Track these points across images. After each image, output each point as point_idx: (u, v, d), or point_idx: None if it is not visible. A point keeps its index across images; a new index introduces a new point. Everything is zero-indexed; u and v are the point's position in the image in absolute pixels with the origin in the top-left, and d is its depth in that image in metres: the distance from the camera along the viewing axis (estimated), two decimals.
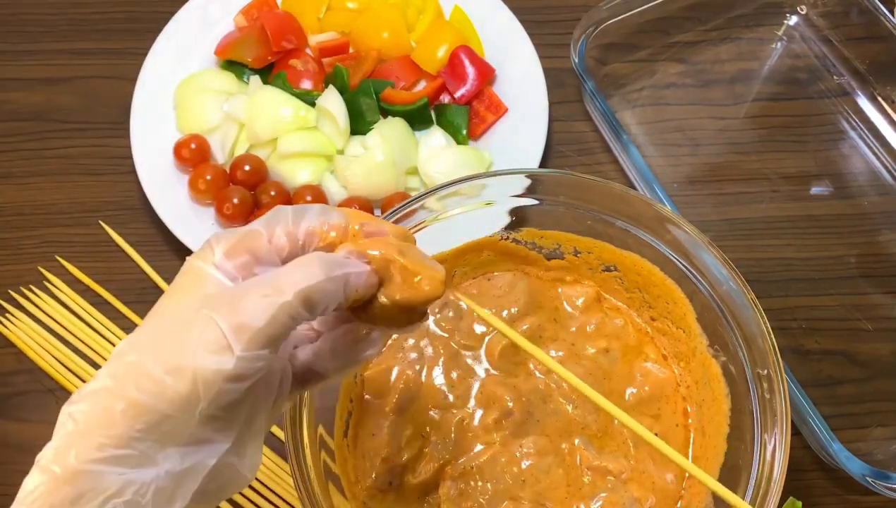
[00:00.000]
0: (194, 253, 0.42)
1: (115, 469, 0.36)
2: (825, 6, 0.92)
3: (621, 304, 0.70)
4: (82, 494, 0.36)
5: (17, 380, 0.73)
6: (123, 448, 0.37)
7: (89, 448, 0.36)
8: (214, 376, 0.37)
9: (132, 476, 0.37)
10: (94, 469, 0.36)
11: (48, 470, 0.36)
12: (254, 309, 0.38)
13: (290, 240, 0.42)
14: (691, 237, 0.61)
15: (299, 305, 0.39)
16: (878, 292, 0.79)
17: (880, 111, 0.88)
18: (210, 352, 0.37)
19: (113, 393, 0.37)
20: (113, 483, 0.36)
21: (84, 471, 0.36)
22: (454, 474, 0.61)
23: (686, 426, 0.65)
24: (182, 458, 0.38)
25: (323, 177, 0.80)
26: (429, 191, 0.62)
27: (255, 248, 0.41)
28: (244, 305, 0.38)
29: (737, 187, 0.84)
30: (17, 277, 0.77)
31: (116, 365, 0.38)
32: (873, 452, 0.70)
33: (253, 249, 0.41)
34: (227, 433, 0.40)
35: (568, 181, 0.64)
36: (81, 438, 0.37)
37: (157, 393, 0.37)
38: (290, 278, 0.39)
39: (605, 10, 0.84)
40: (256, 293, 0.38)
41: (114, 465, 0.36)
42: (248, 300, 0.38)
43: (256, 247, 0.41)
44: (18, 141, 0.85)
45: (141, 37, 0.88)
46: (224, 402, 0.38)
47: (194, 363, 0.37)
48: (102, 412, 0.37)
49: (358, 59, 0.86)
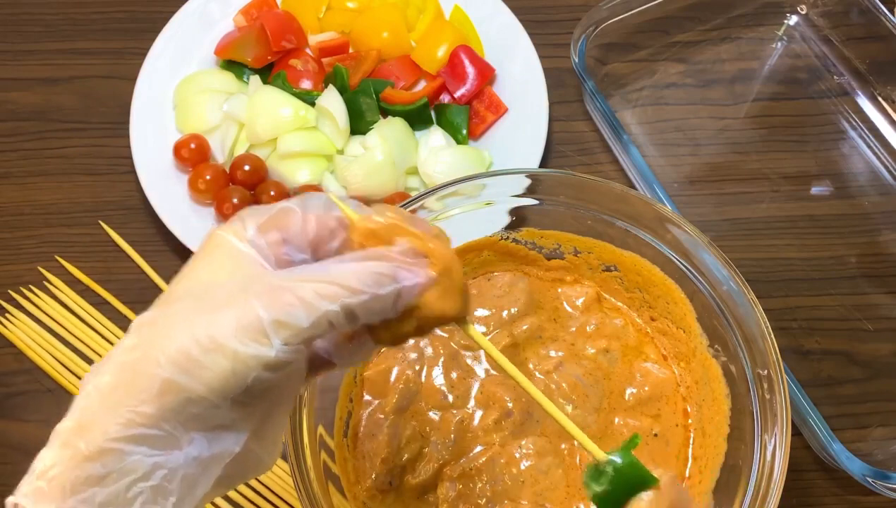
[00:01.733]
0: (221, 226, 0.40)
1: (142, 450, 0.35)
2: (825, 6, 0.92)
3: (621, 304, 0.70)
4: (108, 473, 0.34)
5: (17, 380, 0.73)
6: (152, 428, 0.35)
7: (116, 425, 0.35)
8: (253, 361, 0.36)
9: (159, 459, 0.35)
10: (120, 448, 0.34)
11: (71, 445, 0.35)
12: (299, 309, 0.36)
13: (320, 224, 0.40)
14: (691, 237, 0.61)
15: (343, 316, 0.38)
16: (878, 292, 0.79)
17: (880, 111, 0.88)
18: (250, 338, 0.36)
19: (142, 366, 0.35)
20: (140, 466, 0.35)
21: (110, 449, 0.34)
22: (453, 475, 0.61)
23: (686, 426, 0.65)
24: (209, 443, 0.37)
25: (323, 176, 0.80)
26: (429, 191, 0.62)
27: (287, 226, 0.40)
28: (289, 301, 0.36)
29: (737, 187, 0.84)
30: (16, 277, 0.77)
31: (144, 335, 0.37)
32: (874, 452, 0.70)
33: (284, 226, 0.40)
34: (251, 419, 0.39)
35: (568, 181, 0.64)
36: (107, 413, 0.35)
37: (192, 373, 0.35)
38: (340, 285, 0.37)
39: (605, 9, 0.84)
40: (305, 291, 0.37)
41: (141, 444, 0.35)
42: (294, 297, 0.37)
43: (289, 224, 0.40)
44: (18, 141, 0.85)
45: (140, 37, 0.88)
46: (257, 389, 0.37)
47: (234, 346, 0.36)
48: (130, 386, 0.35)
49: (358, 58, 0.86)
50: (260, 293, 0.37)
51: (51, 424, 0.36)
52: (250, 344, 0.36)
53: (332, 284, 0.37)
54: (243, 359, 0.36)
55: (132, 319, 0.74)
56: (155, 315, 0.37)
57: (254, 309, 0.36)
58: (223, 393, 0.36)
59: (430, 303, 0.40)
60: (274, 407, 0.40)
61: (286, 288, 0.37)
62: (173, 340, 0.36)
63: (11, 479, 0.35)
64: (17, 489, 0.35)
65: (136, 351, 0.36)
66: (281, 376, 0.37)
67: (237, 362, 0.36)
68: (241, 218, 0.40)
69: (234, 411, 0.37)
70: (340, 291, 0.37)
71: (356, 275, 0.38)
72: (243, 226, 0.39)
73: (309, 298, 0.37)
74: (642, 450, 0.63)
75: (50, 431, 0.36)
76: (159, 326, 0.37)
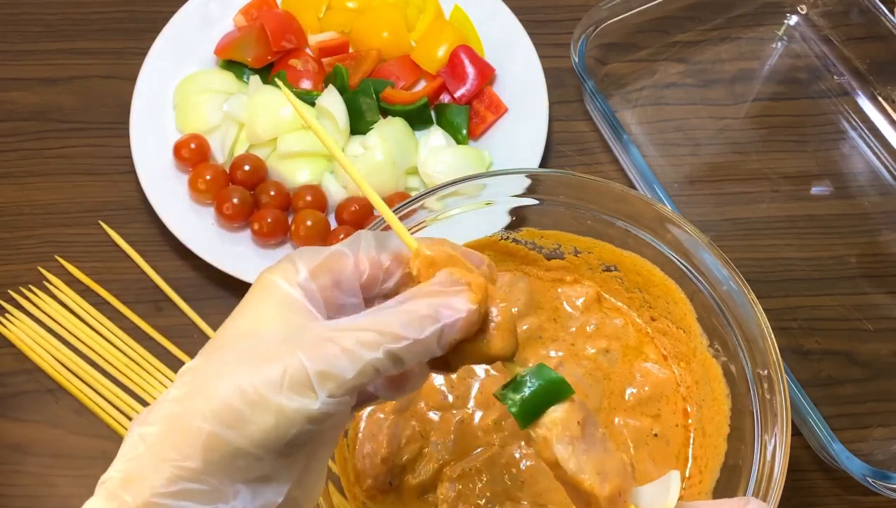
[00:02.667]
0: (271, 268, 0.40)
1: (188, 505, 0.35)
2: (825, 6, 0.92)
3: (621, 304, 0.70)
4: None
5: (17, 380, 0.73)
6: (197, 483, 0.35)
7: (163, 479, 0.35)
8: (297, 415, 0.36)
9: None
10: (166, 504, 0.35)
11: (117, 497, 0.35)
12: (343, 359, 0.36)
13: (373, 265, 0.41)
14: (691, 237, 0.61)
15: (388, 362, 0.37)
16: (878, 292, 0.79)
17: (880, 111, 0.88)
18: (294, 392, 0.36)
19: (187, 420, 0.35)
20: None
21: (156, 504, 0.34)
22: (453, 475, 0.61)
23: (686, 426, 0.65)
24: (253, 496, 0.37)
25: (323, 176, 0.80)
26: (429, 191, 0.62)
27: (339, 270, 0.40)
28: (333, 352, 0.36)
29: (737, 187, 0.83)
30: (16, 277, 0.77)
31: (192, 385, 0.36)
32: (874, 452, 0.70)
33: (337, 270, 0.40)
34: (294, 469, 0.38)
35: (568, 181, 0.64)
36: (154, 466, 0.35)
37: (238, 427, 0.35)
38: (381, 332, 0.37)
39: (605, 9, 0.84)
40: (347, 341, 0.37)
41: (187, 499, 0.35)
42: (338, 348, 0.37)
43: (340, 268, 0.40)
44: (18, 140, 0.85)
45: (140, 37, 0.88)
46: (300, 441, 0.37)
47: (278, 400, 0.35)
48: (177, 439, 0.35)
49: (358, 58, 0.86)
50: (304, 345, 0.36)
51: (50, 424, 0.36)
52: (295, 398, 0.36)
53: (373, 331, 0.37)
54: (287, 414, 0.36)
55: (132, 319, 0.75)
56: (200, 363, 0.37)
57: (298, 362, 0.36)
58: (267, 446, 0.36)
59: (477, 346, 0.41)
60: (317, 453, 0.40)
61: (329, 339, 0.37)
62: (218, 392, 0.36)
63: (10, 479, 0.36)
64: None
65: (182, 403, 0.36)
66: (325, 426, 0.37)
67: (281, 416, 0.36)
68: (292, 260, 0.40)
69: (276, 461, 0.37)
70: (382, 338, 0.37)
71: (398, 320, 0.38)
72: (295, 270, 0.39)
73: (352, 347, 0.37)
74: (642, 450, 0.63)
75: (50, 431, 0.36)
76: (204, 375, 0.37)
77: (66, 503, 0.68)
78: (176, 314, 0.76)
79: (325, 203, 0.78)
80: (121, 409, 0.71)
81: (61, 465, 0.69)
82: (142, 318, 0.75)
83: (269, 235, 0.76)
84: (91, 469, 0.69)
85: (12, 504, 0.68)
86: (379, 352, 0.37)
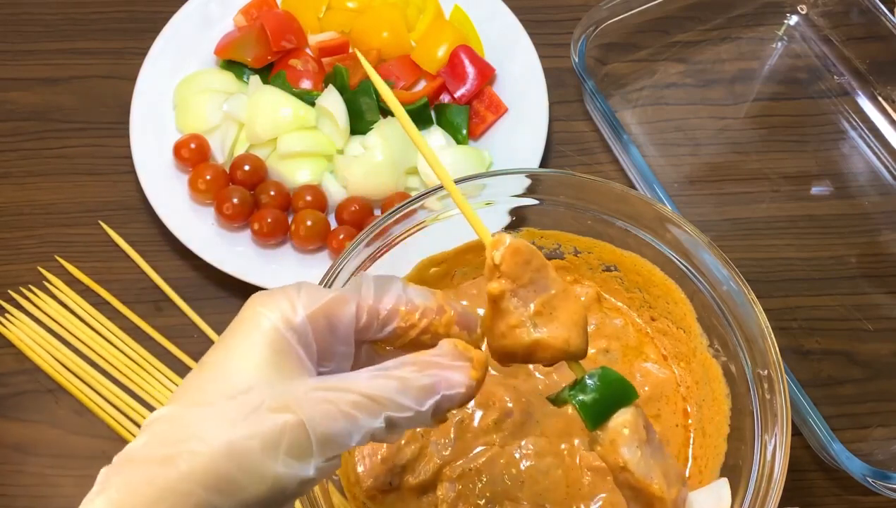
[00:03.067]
0: (264, 299, 0.39)
1: None
2: (825, 6, 0.92)
3: (621, 304, 0.70)
4: None
5: (17, 380, 0.73)
6: None
7: None
8: (292, 481, 0.35)
9: None
10: None
11: None
12: (343, 424, 0.36)
13: (370, 314, 0.40)
14: (691, 237, 0.61)
15: (386, 430, 0.38)
16: (878, 292, 0.79)
17: (880, 111, 0.88)
18: (292, 456, 0.35)
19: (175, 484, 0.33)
20: None
21: None
22: (453, 475, 0.61)
23: (686, 426, 0.65)
24: None
25: (323, 176, 0.80)
26: (429, 191, 0.62)
27: (338, 317, 0.39)
28: (332, 415, 0.36)
29: (737, 187, 0.83)
30: (16, 277, 0.77)
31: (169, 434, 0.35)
32: (874, 452, 0.70)
33: (335, 317, 0.39)
34: None
35: (568, 181, 0.64)
36: None
37: (230, 495, 0.34)
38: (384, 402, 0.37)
39: (605, 9, 0.84)
40: (346, 404, 0.36)
41: None
42: (337, 411, 0.36)
43: (340, 315, 0.39)
44: (18, 140, 0.85)
45: (140, 37, 0.88)
46: (286, 501, 0.36)
47: (275, 467, 0.34)
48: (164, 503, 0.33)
49: (358, 58, 0.86)
50: (302, 404, 0.36)
51: (50, 424, 0.36)
52: (292, 464, 0.35)
53: (375, 397, 0.37)
54: (283, 482, 0.35)
55: (132, 319, 0.75)
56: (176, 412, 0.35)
57: (298, 424, 0.35)
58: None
59: None
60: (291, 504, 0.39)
61: (328, 400, 0.36)
62: (207, 449, 0.34)
63: (11, 479, 0.35)
64: None
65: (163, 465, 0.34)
66: (311, 485, 0.37)
67: (276, 483, 0.35)
68: (289, 297, 0.39)
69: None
70: (382, 407, 0.37)
71: (401, 390, 0.38)
72: (292, 309, 0.38)
73: (352, 411, 0.36)
74: None
75: (50, 431, 0.36)
76: (183, 427, 0.35)
77: (67, 503, 0.68)
78: (176, 314, 0.76)
79: (324, 203, 0.78)
80: (121, 409, 0.71)
81: (62, 465, 0.69)
82: (142, 318, 0.75)
83: (269, 235, 0.76)
84: (91, 469, 0.68)
85: (13, 504, 0.68)
86: (380, 420, 0.37)
